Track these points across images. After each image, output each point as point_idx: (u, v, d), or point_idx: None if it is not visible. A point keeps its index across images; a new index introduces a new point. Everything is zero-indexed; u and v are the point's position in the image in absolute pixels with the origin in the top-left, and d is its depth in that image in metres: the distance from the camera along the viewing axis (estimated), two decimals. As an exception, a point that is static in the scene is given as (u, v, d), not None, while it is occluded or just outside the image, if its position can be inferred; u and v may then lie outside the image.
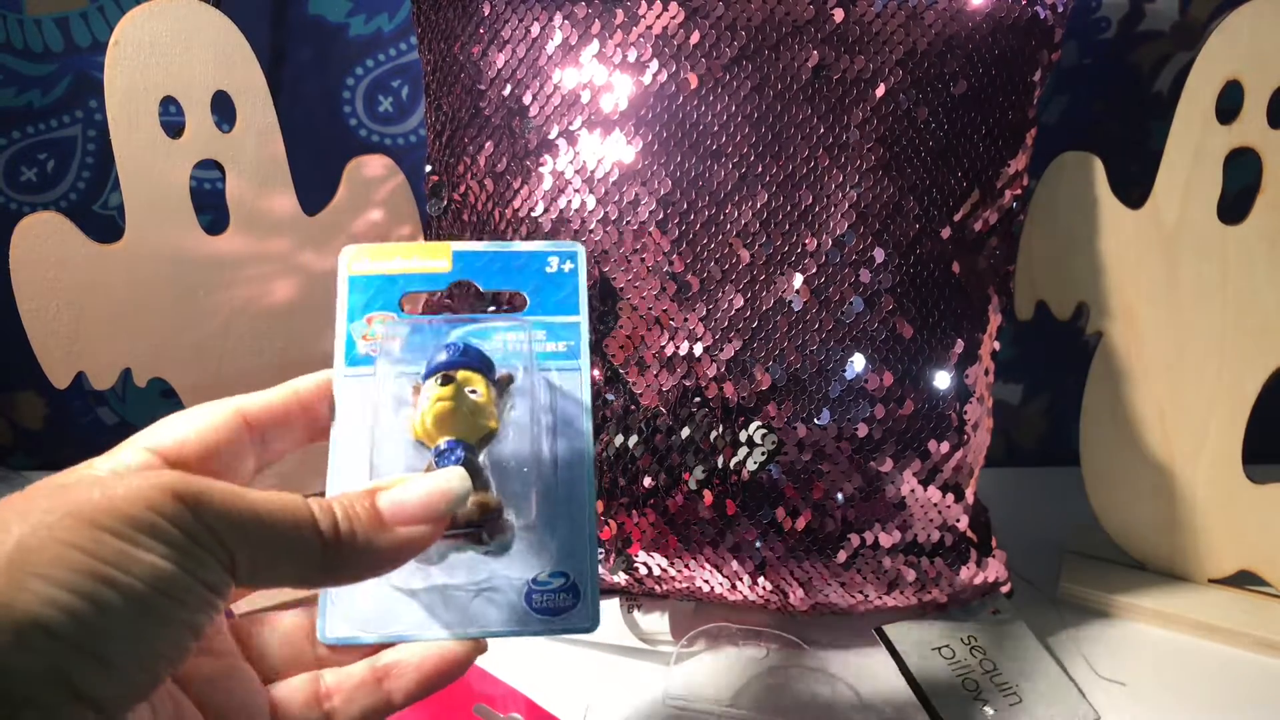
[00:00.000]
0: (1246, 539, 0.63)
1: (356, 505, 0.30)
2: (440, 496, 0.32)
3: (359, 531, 0.30)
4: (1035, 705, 0.55)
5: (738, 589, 0.57)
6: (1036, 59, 0.56)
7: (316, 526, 0.29)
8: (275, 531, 0.28)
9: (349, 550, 0.30)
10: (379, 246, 0.38)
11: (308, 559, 0.29)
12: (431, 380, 0.34)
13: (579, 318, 0.38)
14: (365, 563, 0.30)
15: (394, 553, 0.31)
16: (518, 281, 0.38)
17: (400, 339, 0.37)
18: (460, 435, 0.34)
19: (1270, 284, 0.60)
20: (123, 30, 0.59)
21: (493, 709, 0.51)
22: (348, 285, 0.37)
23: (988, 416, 0.59)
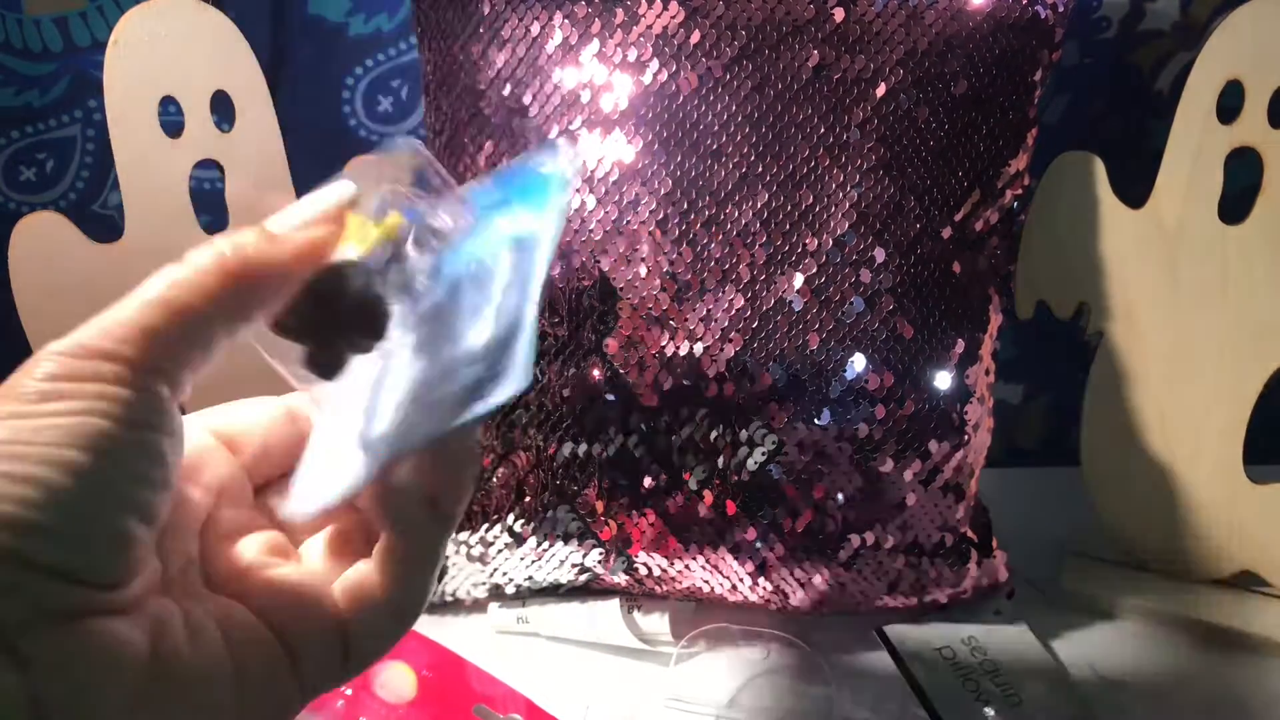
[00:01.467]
0: (1247, 539, 0.63)
1: (240, 235, 0.29)
2: (328, 194, 0.31)
3: (251, 251, 0.29)
4: (1036, 706, 0.55)
5: (738, 589, 0.57)
6: (1037, 59, 0.56)
7: (221, 268, 0.28)
8: (179, 309, 0.28)
9: (252, 273, 0.28)
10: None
11: (219, 300, 0.28)
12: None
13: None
14: (273, 278, 0.29)
15: (297, 258, 0.29)
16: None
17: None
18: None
19: (1270, 284, 0.60)
20: (122, 30, 0.59)
21: (492, 709, 0.51)
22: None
23: (988, 416, 0.59)
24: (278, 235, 0.30)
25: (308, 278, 0.30)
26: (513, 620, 0.61)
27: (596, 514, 0.57)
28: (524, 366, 0.30)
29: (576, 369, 0.56)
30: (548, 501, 0.58)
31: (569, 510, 0.57)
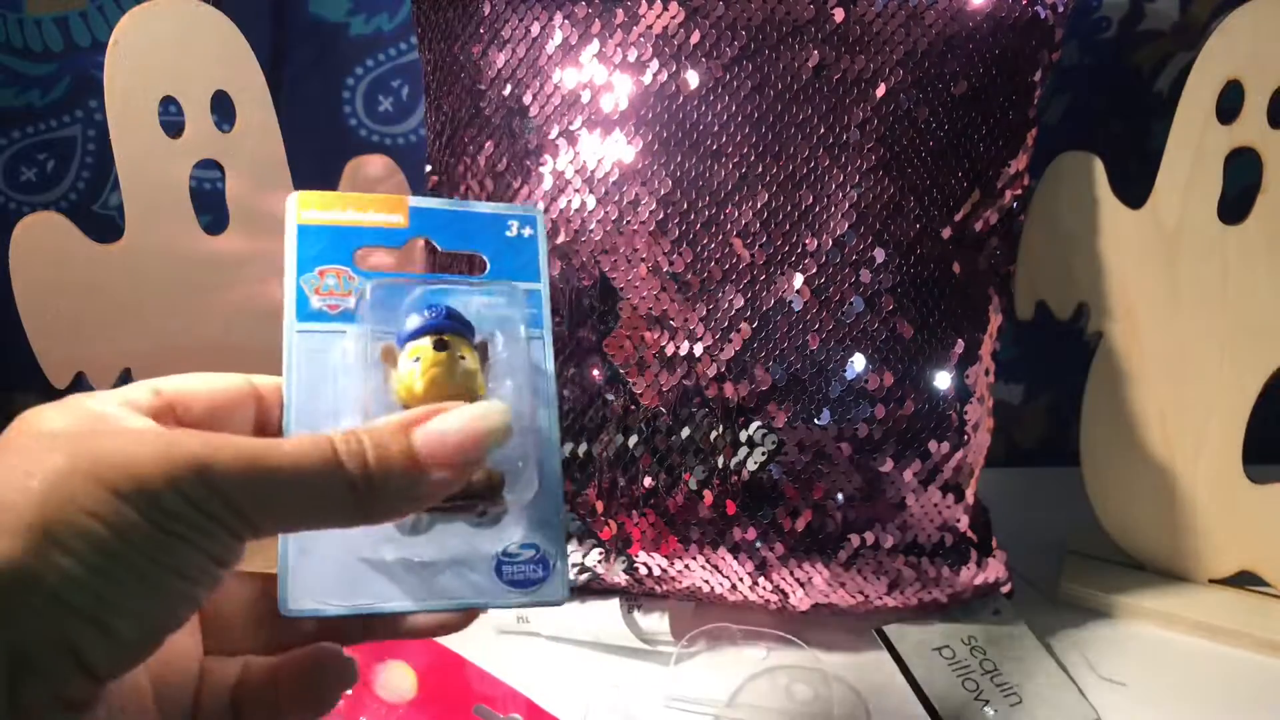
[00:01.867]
0: (1247, 539, 0.63)
1: (391, 445, 0.28)
2: (485, 431, 0.29)
3: (392, 476, 0.28)
4: (1035, 706, 0.55)
5: (738, 589, 0.57)
6: (1037, 59, 0.56)
7: (345, 475, 0.27)
8: (300, 489, 0.27)
9: (380, 497, 0.28)
10: (330, 195, 0.36)
11: (333, 508, 0.28)
12: (417, 344, 0.33)
13: (540, 284, 0.37)
14: (398, 504, 0.29)
15: (428, 494, 0.29)
16: (477, 243, 0.37)
17: (368, 296, 0.35)
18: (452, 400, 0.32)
19: (1270, 284, 0.60)
20: (122, 30, 0.59)
21: (493, 709, 0.51)
22: (296, 234, 0.35)
23: (988, 417, 0.59)
24: (423, 463, 0.29)
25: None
26: (513, 620, 0.61)
27: (596, 514, 0.57)
28: (563, 581, 0.34)
29: (576, 369, 0.56)
30: (548, 501, 0.58)
31: (569, 510, 0.57)
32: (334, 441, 0.28)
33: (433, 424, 0.29)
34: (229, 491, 0.26)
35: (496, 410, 0.30)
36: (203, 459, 0.26)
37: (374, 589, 0.32)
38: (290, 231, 0.35)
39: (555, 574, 0.34)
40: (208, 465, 0.26)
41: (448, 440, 0.29)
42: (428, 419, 0.29)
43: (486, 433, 0.30)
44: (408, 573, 0.33)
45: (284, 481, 0.27)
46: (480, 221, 0.37)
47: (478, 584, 0.33)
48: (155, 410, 0.31)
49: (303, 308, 0.35)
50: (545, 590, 0.34)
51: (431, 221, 0.36)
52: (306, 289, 0.35)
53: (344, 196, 0.36)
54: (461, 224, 0.37)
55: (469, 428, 0.29)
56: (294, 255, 0.35)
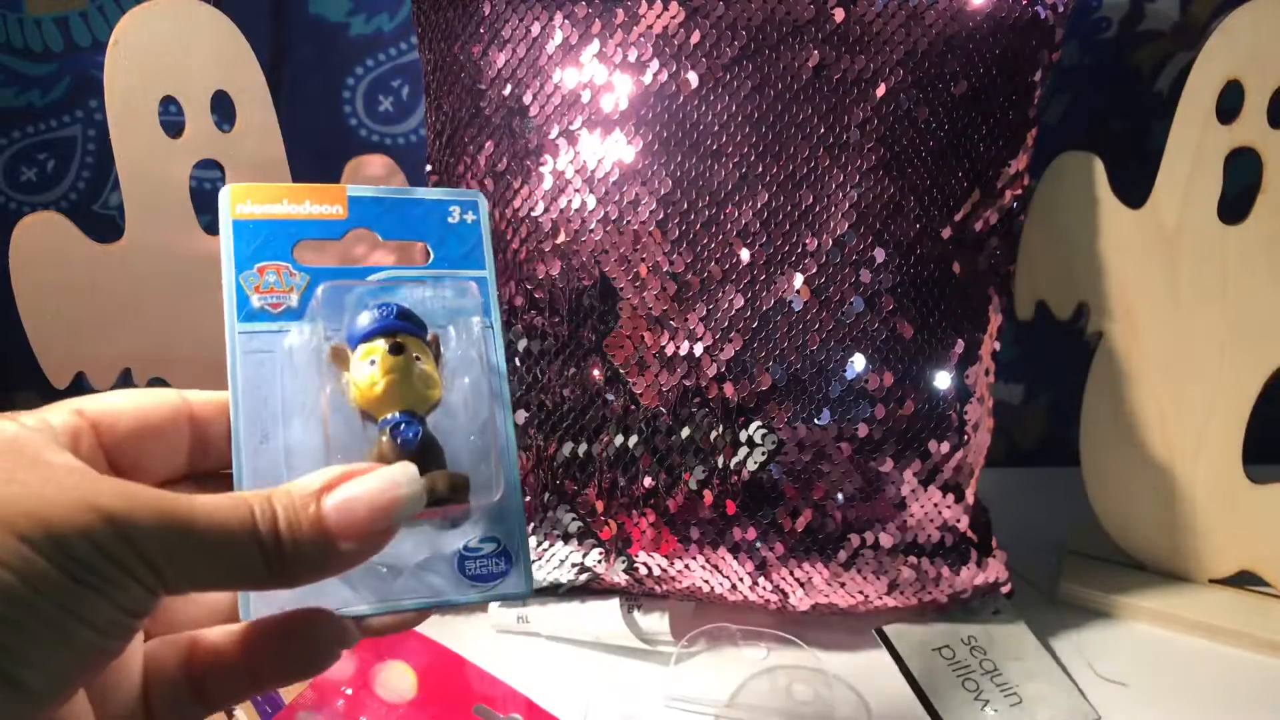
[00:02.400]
0: (1246, 539, 0.63)
1: (300, 512, 0.28)
2: (390, 504, 0.29)
3: (303, 545, 0.28)
4: (1036, 706, 0.55)
5: (738, 589, 0.57)
6: (1037, 59, 0.56)
7: (255, 535, 0.27)
8: (211, 547, 0.26)
9: (292, 564, 0.28)
10: (264, 186, 0.34)
11: (245, 570, 0.27)
12: (370, 345, 0.32)
13: (485, 272, 0.36)
14: (310, 573, 0.28)
15: (341, 563, 0.29)
16: (418, 231, 0.36)
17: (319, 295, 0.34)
18: (411, 407, 0.32)
19: (1270, 284, 0.60)
20: (122, 30, 0.59)
21: (492, 709, 0.51)
22: (232, 230, 0.34)
23: (988, 416, 0.59)
24: (333, 534, 0.28)
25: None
26: (513, 620, 0.61)
27: (596, 514, 0.57)
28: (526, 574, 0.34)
29: (576, 369, 0.56)
30: (548, 501, 0.58)
31: (569, 510, 0.57)
32: (252, 505, 0.27)
33: (343, 493, 0.29)
34: (143, 544, 0.25)
35: (407, 478, 0.29)
36: (118, 510, 0.25)
37: (335, 595, 0.32)
38: (225, 227, 0.34)
39: (518, 567, 0.33)
40: (123, 516, 0.25)
41: (357, 513, 0.28)
42: (340, 483, 0.29)
43: (396, 504, 0.29)
44: (367, 576, 0.32)
45: (198, 540, 0.26)
46: (421, 209, 0.36)
47: (438, 582, 0.33)
48: (76, 431, 0.30)
49: (243, 307, 0.34)
50: (507, 584, 0.33)
51: (370, 211, 0.35)
52: (246, 287, 0.34)
53: (279, 188, 0.35)
54: (401, 212, 0.36)
55: (378, 500, 0.29)
56: (230, 252, 0.34)
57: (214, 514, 0.27)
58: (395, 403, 0.31)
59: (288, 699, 0.49)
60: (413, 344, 0.32)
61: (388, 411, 0.32)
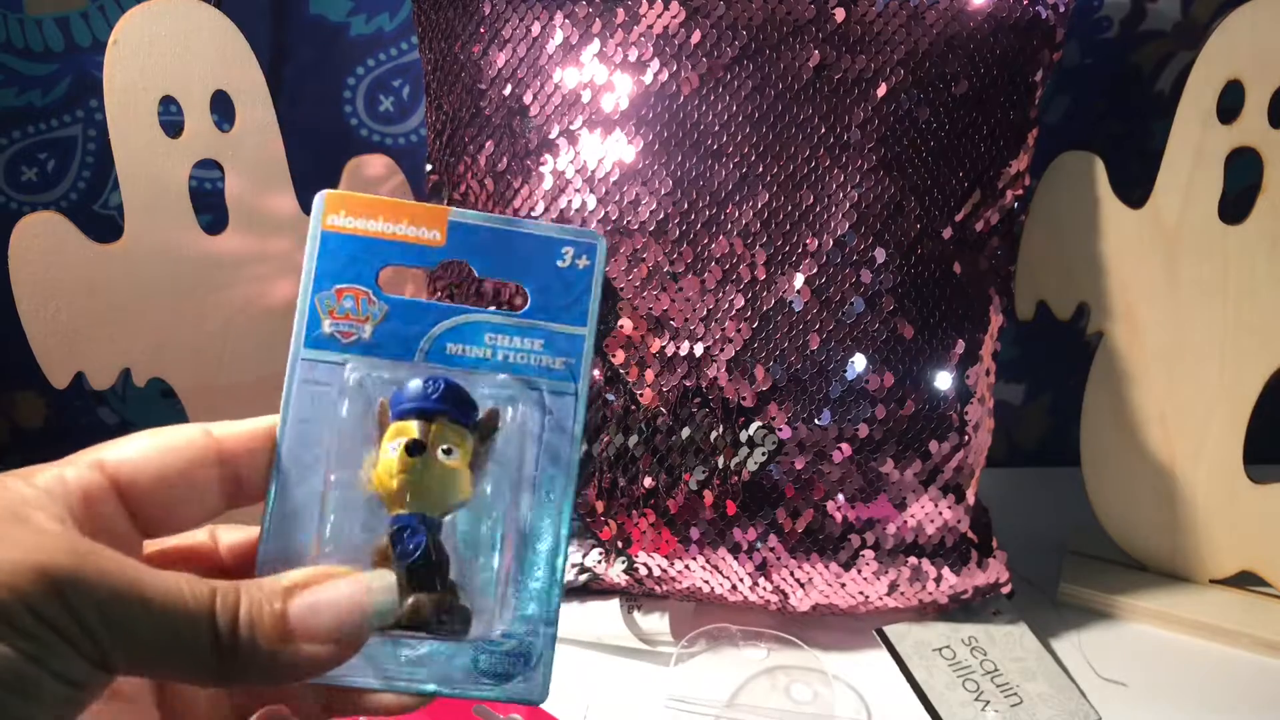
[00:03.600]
0: (1247, 539, 0.63)
1: (265, 607, 0.26)
2: (357, 610, 0.27)
3: (259, 640, 0.26)
4: (1036, 706, 0.55)
5: (738, 589, 0.57)
6: (1038, 59, 0.56)
7: (212, 622, 0.25)
8: (160, 624, 0.25)
9: (246, 660, 0.26)
10: (361, 198, 0.31)
11: (197, 662, 0.25)
12: (402, 424, 0.29)
13: (585, 330, 0.31)
14: (263, 675, 0.26)
15: (297, 669, 0.26)
16: (520, 272, 0.31)
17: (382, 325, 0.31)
18: (423, 510, 0.29)
19: (1271, 284, 0.60)
20: (122, 30, 0.59)
21: (493, 709, 0.51)
22: (319, 243, 0.31)
23: (989, 417, 0.59)
24: (293, 635, 0.26)
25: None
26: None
27: (596, 514, 0.57)
28: (545, 679, 0.31)
29: (577, 369, 0.56)
30: (548, 501, 0.58)
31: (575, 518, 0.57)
32: (216, 589, 0.26)
33: (313, 594, 0.27)
34: (84, 612, 0.24)
35: (381, 585, 0.28)
36: (64, 572, 0.24)
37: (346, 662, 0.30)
38: (313, 238, 0.31)
39: (536, 670, 0.30)
40: (67, 579, 0.24)
41: (321, 614, 0.27)
42: (314, 584, 0.27)
43: (363, 611, 0.27)
44: (380, 646, 0.30)
45: (148, 616, 0.25)
46: (529, 245, 0.31)
47: (450, 669, 0.30)
48: (92, 488, 0.29)
49: (313, 330, 0.31)
50: (522, 687, 0.30)
51: (472, 241, 0.31)
52: (320, 309, 0.31)
53: (377, 202, 0.31)
54: (506, 246, 0.31)
55: (346, 605, 0.27)
56: (312, 267, 0.31)
57: (170, 590, 0.25)
58: (406, 503, 0.29)
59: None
60: (447, 434, 0.29)
61: (398, 509, 0.29)
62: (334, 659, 0.27)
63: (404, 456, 0.29)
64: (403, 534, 0.29)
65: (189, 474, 0.30)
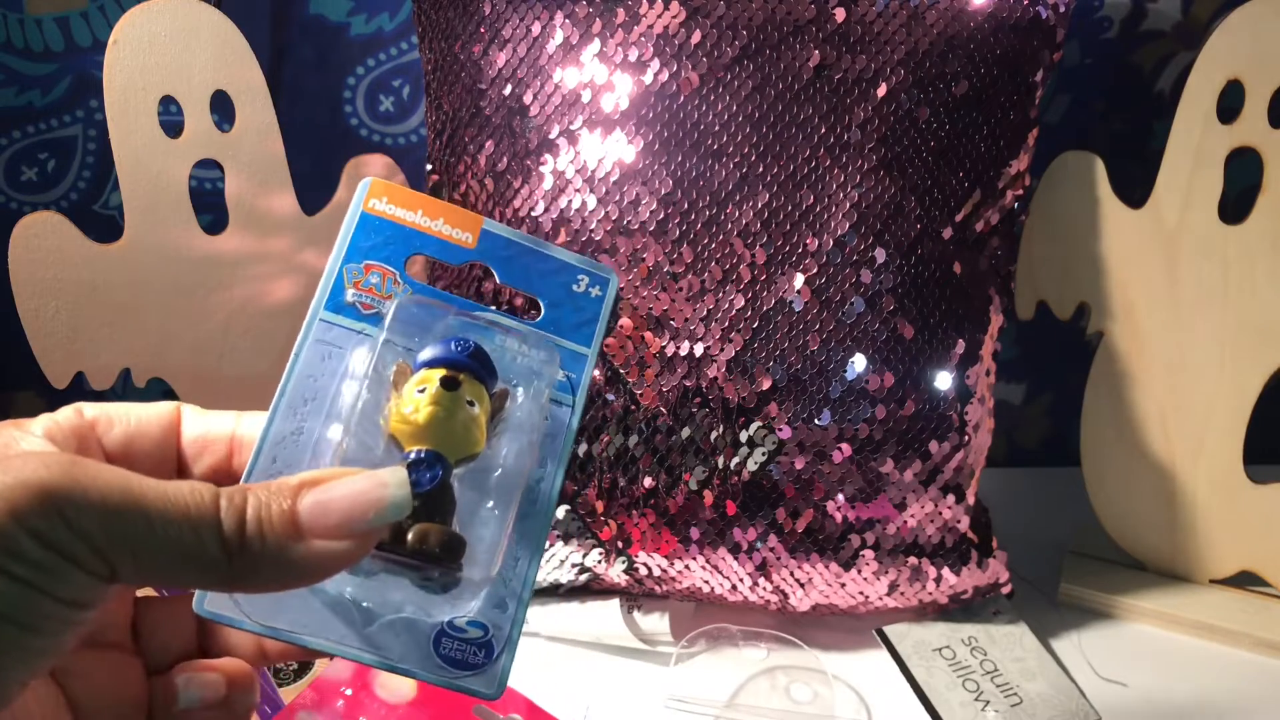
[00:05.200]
0: (1247, 539, 0.63)
1: (273, 504, 0.25)
2: (371, 504, 0.26)
3: (269, 538, 0.25)
4: (1036, 706, 0.55)
5: (738, 590, 0.57)
6: (1038, 59, 0.56)
7: (219, 529, 0.25)
8: (164, 531, 0.24)
9: (256, 559, 0.25)
10: (405, 190, 0.33)
11: (207, 566, 0.25)
12: (428, 372, 0.30)
13: (589, 350, 0.34)
14: (275, 575, 0.26)
15: (309, 567, 0.26)
16: (538, 287, 0.34)
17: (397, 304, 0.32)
18: (442, 449, 0.30)
19: (1271, 284, 0.60)
20: (122, 30, 0.59)
21: (493, 709, 0.51)
22: (357, 220, 0.33)
23: (989, 417, 0.59)
24: (304, 531, 0.26)
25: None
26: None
27: (596, 514, 0.57)
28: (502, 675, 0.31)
29: (577, 369, 0.56)
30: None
31: (569, 510, 0.57)
32: (220, 492, 0.25)
33: (324, 491, 0.26)
34: (83, 524, 0.23)
35: (395, 480, 0.27)
36: (58, 485, 0.23)
37: (300, 616, 0.30)
38: (352, 215, 0.33)
39: (493, 666, 0.30)
40: (63, 493, 0.23)
41: (333, 509, 0.26)
42: (325, 481, 0.27)
43: (378, 504, 0.26)
44: (339, 609, 0.30)
45: (151, 525, 0.24)
46: (549, 266, 0.34)
47: (409, 647, 0.30)
48: (80, 430, 0.29)
49: (335, 296, 0.32)
50: (476, 680, 0.30)
51: (498, 250, 0.34)
52: (346, 278, 0.32)
53: (419, 197, 0.33)
54: (529, 262, 0.34)
55: (360, 499, 0.26)
56: (346, 240, 0.33)
57: (172, 496, 0.24)
58: (428, 439, 0.30)
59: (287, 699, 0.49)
60: (472, 388, 0.31)
61: (417, 445, 0.30)
62: (347, 556, 0.26)
63: (438, 390, 0.30)
64: (420, 464, 0.29)
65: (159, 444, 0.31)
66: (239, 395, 0.64)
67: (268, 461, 0.30)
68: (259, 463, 0.30)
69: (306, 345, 0.32)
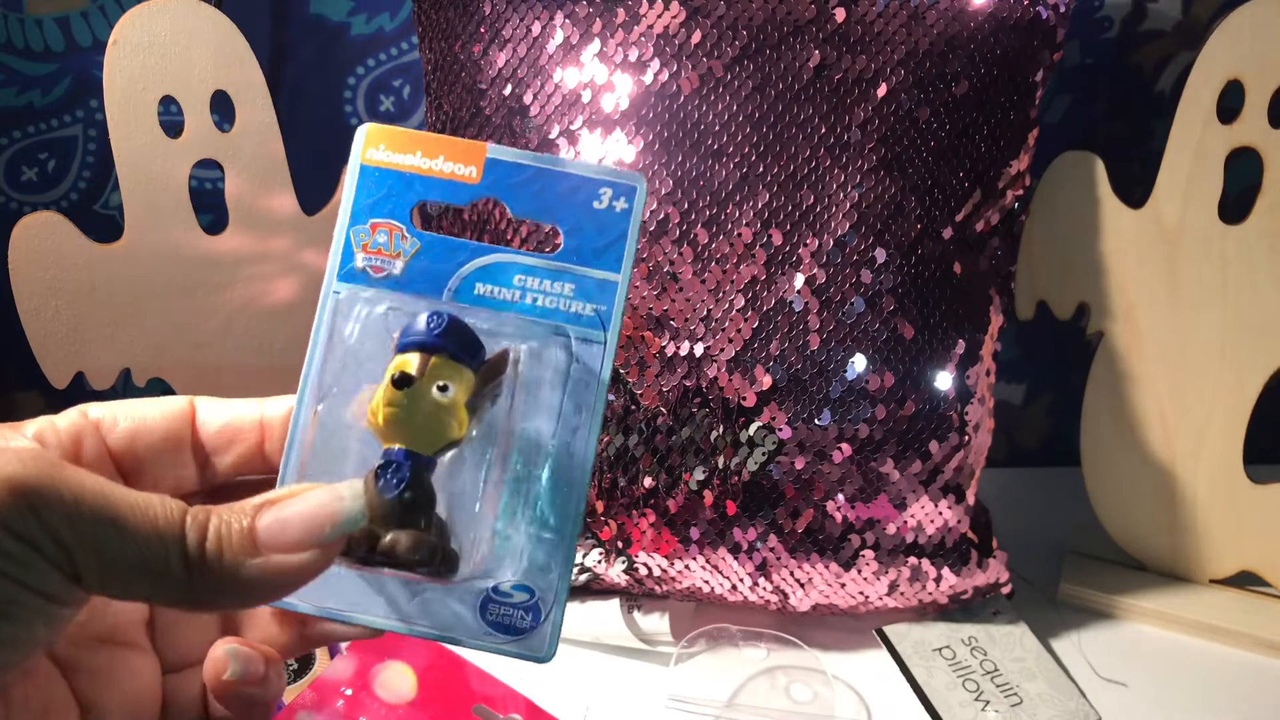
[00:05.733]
0: (1247, 539, 0.63)
1: (233, 522, 0.26)
2: (327, 518, 0.26)
3: (225, 553, 0.25)
4: (1036, 706, 0.55)
5: (738, 590, 0.57)
6: (1038, 59, 0.56)
7: (181, 540, 0.25)
8: (130, 541, 0.24)
9: (213, 574, 0.25)
10: (400, 131, 0.31)
11: (164, 577, 0.25)
12: (400, 358, 0.29)
13: (619, 276, 0.30)
14: (234, 591, 0.26)
15: (268, 582, 0.26)
16: (555, 213, 0.31)
17: (414, 261, 0.30)
18: (414, 445, 0.28)
19: (1271, 284, 0.60)
20: (122, 30, 0.59)
21: (492, 709, 0.51)
22: (358, 175, 0.30)
23: (989, 417, 0.59)
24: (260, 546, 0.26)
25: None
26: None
27: (596, 514, 0.57)
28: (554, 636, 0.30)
29: (577, 369, 0.56)
30: (548, 501, 0.58)
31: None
32: (188, 509, 0.26)
33: (281, 509, 0.26)
34: (53, 521, 0.24)
35: (351, 494, 0.27)
36: (30, 481, 0.23)
37: (348, 594, 0.30)
38: (352, 171, 0.31)
39: (545, 626, 0.30)
40: (33, 489, 0.23)
41: (289, 523, 0.26)
42: (283, 500, 0.27)
43: (333, 518, 0.26)
44: (383, 587, 0.30)
45: (118, 532, 0.24)
46: (566, 185, 0.31)
47: (457, 616, 0.30)
48: (79, 432, 0.29)
49: (346, 264, 0.30)
50: (530, 642, 0.30)
51: (508, 179, 0.31)
52: (354, 243, 0.30)
53: (415, 135, 0.31)
54: (542, 185, 0.31)
55: (316, 511, 0.26)
56: (350, 200, 0.30)
57: (140, 507, 0.25)
58: (395, 438, 0.28)
59: (288, 699, 0.49)
60: (444, 370, 0.29)
61: (388, 445, 0.29)
62: (307, 569, 0.26)
63: (390, 389, 0.28)
64: (386, 469, 0.28)
65: (168, 439, 0.31)
66: (239, 395, 0.64)
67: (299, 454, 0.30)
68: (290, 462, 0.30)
69: (323, 327, 0.30)
